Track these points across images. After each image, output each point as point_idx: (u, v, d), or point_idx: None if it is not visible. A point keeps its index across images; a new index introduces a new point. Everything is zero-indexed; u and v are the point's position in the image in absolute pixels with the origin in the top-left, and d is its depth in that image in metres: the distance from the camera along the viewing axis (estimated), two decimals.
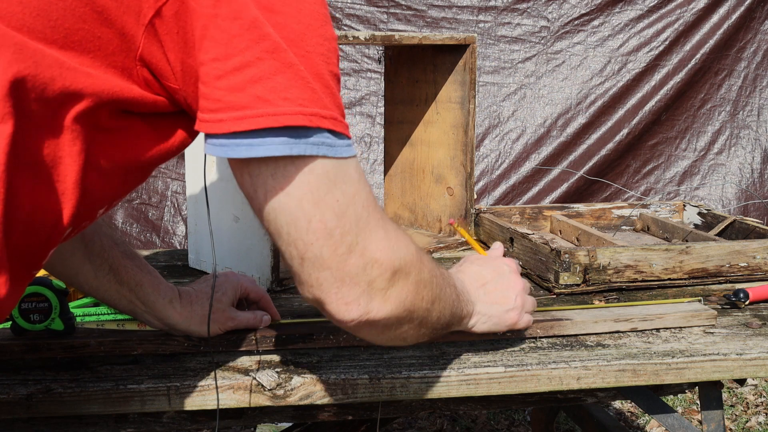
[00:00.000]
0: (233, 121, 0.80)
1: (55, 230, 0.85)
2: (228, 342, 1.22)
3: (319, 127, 0.82)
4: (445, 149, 1.92)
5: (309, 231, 0.83)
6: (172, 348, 1.21)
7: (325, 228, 0.83)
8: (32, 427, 1.18)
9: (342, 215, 0.84)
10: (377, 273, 0.87)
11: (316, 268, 0.85)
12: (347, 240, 0.85)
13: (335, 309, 0.88)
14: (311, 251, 0.84)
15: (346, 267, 0.85)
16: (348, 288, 0.86)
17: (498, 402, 1.35)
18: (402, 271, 0.90)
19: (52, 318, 1.19)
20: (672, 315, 1.36)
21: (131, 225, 3.57)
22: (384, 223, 0.89)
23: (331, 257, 0.84)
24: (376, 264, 0.87)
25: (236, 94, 0.80)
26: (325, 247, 0.84)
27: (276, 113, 0.80)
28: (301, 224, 0.83)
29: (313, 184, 0.83)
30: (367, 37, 1.66)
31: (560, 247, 1.56)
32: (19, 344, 1.18)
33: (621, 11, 3.82)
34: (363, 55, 3.70)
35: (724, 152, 3.96)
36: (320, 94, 0.83)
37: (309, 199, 0.83)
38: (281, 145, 0.81)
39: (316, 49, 0.83)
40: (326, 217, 0.83)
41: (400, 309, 0.92)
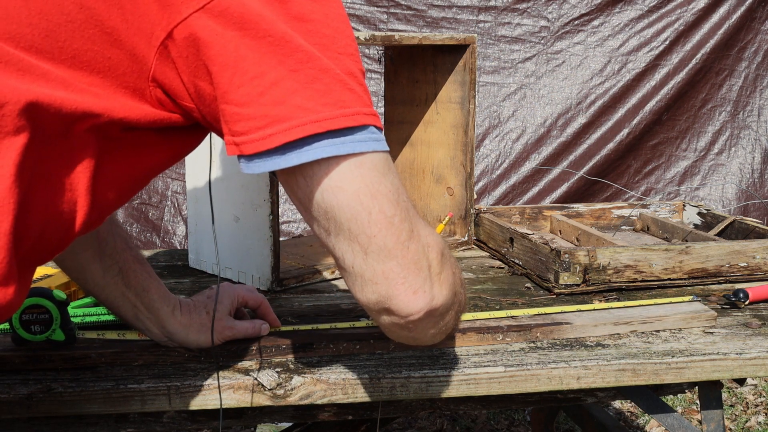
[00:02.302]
0: (283, 134, 0.82)
1: (65, 237, 0.86)
2: (228, 353, 1.21)
3: (364, 124, 0.85)
4: (445, 149, 1.92)
5: (371, 222, 0.85)
6: (173, 359, 1.20)
7: (385, 217, 0.85)
8: (32, 427, 1.18)
9: (397, 203, 0.87)
10: (433, 256, 0.89)
11: (382, 259, 0.86)
12: (406, 226, 0.87)
13: (404, 301, 0.88)
14: (375, 242, 0.85)
15: (410, 253, 0.87)
16: (414, 275, 0.87)
17: (498, 402, 1.35)
18: (445, 253, 0.92)
19: (53, 329, 1.19)
20: (672, 317, 1.36)
21: (131, 225, 3.57)
22: (417, 212, 0.92)
23: (396, 245, 0.86)
24: (429, 247, 0.89)
25: (279, 107, 0.82)
26: (388, 236, 0.85)
27: (319, 119, 0.82)
28: (362, 217, 0.85)
29: (366, 177, 0.85)
30: (367, 37, 1.66)
31: (560, 247, 1.57)
32: (19, 356, 1.17)
33: (621, 11, 3.82)
34: (363, 55, 3.70)
35: (725, 152, 3.96)
36: (358, 92, 0.85)
37: (365, 192, 0.85)
38: (329, 146, 0.83)
39: (345, 50, 0.86)
40: (384, 206, 0.85)
41: (451, 292, 0.93)
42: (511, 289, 1.59)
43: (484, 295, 1.55)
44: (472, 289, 1.60)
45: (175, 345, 1.21)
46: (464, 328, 1.28)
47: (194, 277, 1.67)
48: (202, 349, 1.20)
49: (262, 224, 1.55)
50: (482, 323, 1.30)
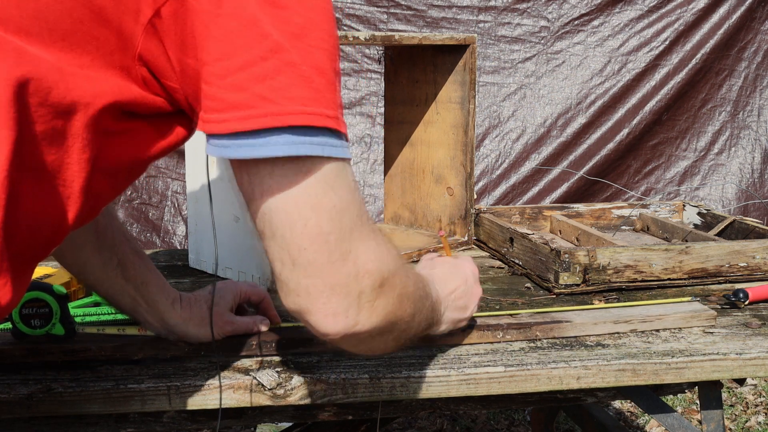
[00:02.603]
0: (237, 121, 0.79)
1: (59, 231, 0.85)
2: (229, 347, 1.22)
3: (325, 126, 0.81)
4: (445, 149, 1.92)
5: (304, 234, 0.81)
6: (173, 353, 1.21)
7: (321, 232, 0.82)
8: (32, 427, 1.18)
9: (338, 220, 0.83)
10: (368, 283, 0.85)
11: (307, 274, 0.83)
12: (342, 247, 0.83)
13: (320, 320, 0.85)
14: (304, 256, 0.82)
15: (338, 275, 0.83)
16: (338, 298, 0.84)
17: (498, 402, 1.35)
18: (389, 283, 0.88)
19: (52, 323, 1.19)
20: (672, 316, 1.36)
21: (131, 225, 3.57)
22: (374, 233, 0.87)
23: (325, 264, 0.82)
24: (368, 274, 0.85)
25: (239, 93, 0.79)
26: (319, 252, 0.82)
27: (280, 113, 0.79)
28: (297, 227, 0.81)
29: (312, 186, 0.81)
30: (367, 37, 1.66)
31: (560, 247, 1.57)
32: (19, 348, 1.18)
33: (621, 11, 3.82)
34: (363, 55, 3.70)
35: (725, 152, 3.96)
36: (324, 92, 0.81)
37: (307, 202, 0.81)
38: (285, 145, 0.79)
39: (320, 44, 0.82)
40: (323, 221, 0.82)
41: (384, 321, 0.89)
42: (511, 289, 1.59)
43: (484, 295, 1.54)
44: None
45: (175, 339, 1.21)
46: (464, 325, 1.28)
47: (194, 277, 1.67)
48: (203, 344, 1.21)
49: None
50: (482, 321, 1.30)
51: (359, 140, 3.71)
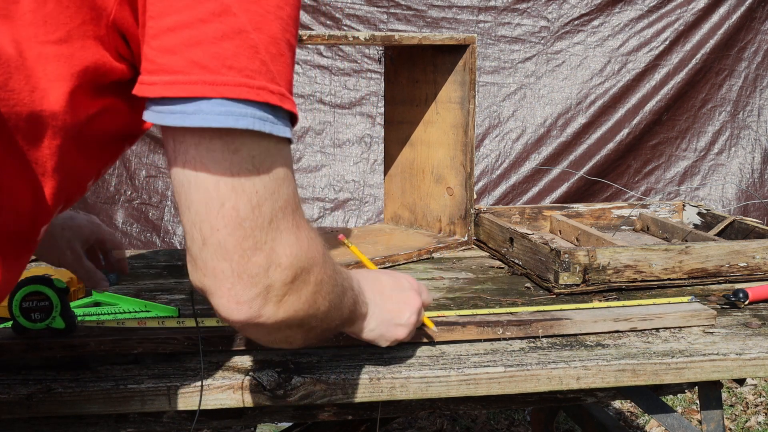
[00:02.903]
0: (164, 86, 0.75)
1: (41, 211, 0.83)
2: (227, 341, 1.22)
3: (266, 102, 0.76)
4: (445, 149, 1.92)
5: (219, 215, 0.77)
6: (172, 347, 1.21)
7: (237, 216, 0.78)
8: (32, 427, 1.18)
9: (257, 208, 0.78)
10: (278, 278, 0.82)
11: (216, 256, 0.79)
12: (257, 236, 0.79)
13: (224, 305, 0.81)
14: (216, 237, 0.78)
15: (248, 264, 0.79)
16: (244, 287, 0.80)
17: (498, 402, 1.35)
18: (303, 279, 0.85)
19: (53, 317, 1.19)
20: (672, 315, 1.36)
21: (131, 225, 3.57)
22: (298, 227, 0.83)
23: (235, 250, 0.78)
24: (279, 269, 0.81)
25: (170, 56, 0.74)
26: (231, 236, 0.78)
27: (216, 82, 0.74)
28: (212, 206, 0.77)
29: (237, 165, 0.77)
30: (367, 37, 1.66)
31: (560, 247, 1.57)
32: (19, 343, 1.18)
33: (621, 11, 3.82)
34: (363, 55, 3.70)
35: (725, 152, 3.97)
36: (270, 64, 0.76)
37: (228, 182, 0.77)
38: (217, 115, 0.75)
39: (275, 11, 0.76)
40: (241, 205, 0.77)
41: (293, 317, 0.86)
42: (511, 289, 1.59)
43: (484, 295, 1.55)
44: (472, 289, 1.60)
45: None
46: (464, 322, 1.28)
47: None
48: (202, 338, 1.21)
49: None
50: (482, 318, 1.30)
51: (359, 140, 3.72)
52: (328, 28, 3.64)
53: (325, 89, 3.70)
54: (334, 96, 3.71)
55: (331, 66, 3.70)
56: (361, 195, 3.71)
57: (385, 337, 1.13)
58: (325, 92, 3.71)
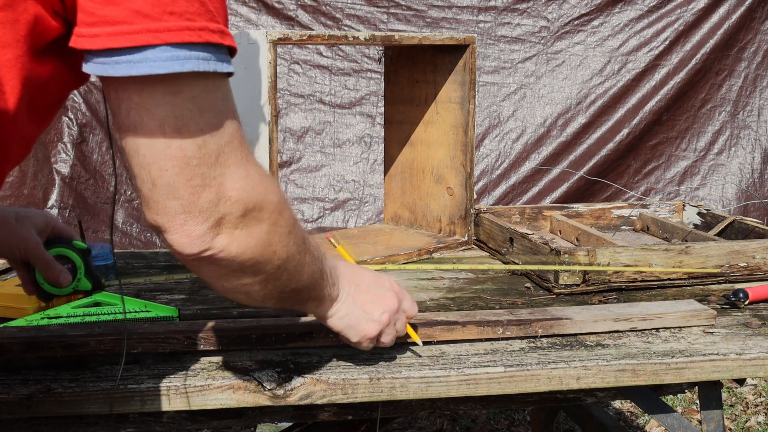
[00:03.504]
0: (107, 37, 0.75)
1: None
2: (228, 340, 1.22)
3: (208, 42, 0.78)
4: (445, 149, 1.92)
5: (166, 156, 0.79)
6: (172, 346, 1.21)
7: (183, 156, 0.80)
8: (32, 427, 1.18)
9: (203, 146, 0.80)
10: (228, 209, 0.84)
11: (167, 196, 0.81)
12: (204, 172, 0.81)
13: (178, 240, 0.84)
14: (164, 178, 0.80)
15: (198, 200, 0.82)
16: (195, 221, 0.83)
17: (498, 402, 1.35)
18: (255, 215, 0.86)
19: (78, 278, 1.18)
20: (672, 315, 1.36)
21: (131, 225, 3.57)
22: (247, 163, 0.85)
23: (184, 188, 0.81)
24: (229, 201, 0.84)
25: (110, 7, 0.75)
26: (179, 176, 0.80)
27: (159, 29, 0.75)
28: (158, 147, 0.79)
29: (179, 107, 0.78)
30: (367, 37, 1.66)
31: (560, 247, 1.57)
32: (18, 342, 1.18)
33: (621, 11, 3.82)
34: (363, 55, 3.70)
35: (725, 152, 3.97)
36: (208, 4, 0.78)
37: (172, 123, 0.78)
38: (166, 62, 0.76)
39: None
40: (186, 144, 0.79)
41: (246, 253, 0.88)
42: (511, 289, 1.59)
43: (484, 295, 1.55)
44: (472, 289, 1.60)
45: None
46: (465, 321, 1.28)
47: (194, 277, 1.67)
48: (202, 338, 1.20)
49: None
50: (482, 317, 1.30)
51: (359, 140, 3.72)
52: (328, 28, 3.64)
53: (325, 89, 3.70)
54: (334, 96, 3.71)
55: (331, 66, 3.70)
56: (361, 195, 3.71)
57: (354, 329, 1.11)
58: (325, 92, 3.71)
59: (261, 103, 1.51)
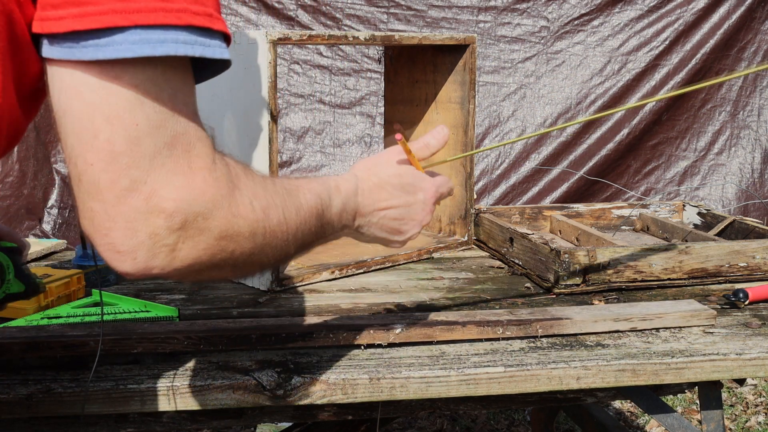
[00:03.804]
0: (73, 19, 0.68)
1: None
2: (228, 340, 1.22)
3: (191, 24, 0.70)
4: (445, 149, 1.91)
5: (93, 148, 0.69)
6: (172, 346, 1.21)
7: (111, 151, 0.69)
8: (32, 427, 1.18)
9: (136, 143, 0.69)
10: (161, 225, 0.71)
11: (90, 195, 0.71)
12: (133, 175, 0.70)
13: (105, 253, 0.72)
14: (89, 174, 0.70)
15: (123, 207, 0.70)
16: (122, 233, 0.71)
17: (498, 402, 1.35)
18: (198, 227, 0.74)
19: (7, 281, 1.08)
20: (672, 315, 1.36)
21: None
22: (192, 169, 0.73)
23: (108, 189, 0.70)
24: (162, 214, 0.71)
25: None
26: (104, 174, 0.69)
27: (128, 9, 0.68)
28: (85, 138, 0.69)
29: (114, 94, 0.69)
30: (367, 37, 1.66)
31: (560, 247, 1.57)
32: (18, 342, 1.18)
33: (621, 11, 3.82)
34: (363, 55, 3.70)
35: (725, 152, 3.96)
36: None
37: (102, 111, 0.69)
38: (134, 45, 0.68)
39: None
40: (116, 138, 0.69)
41: (197, 264, 0.76)
42: (511, 289, 1.59)
43: (484, 295, 1.55)
44: (472, 288, 1.60)
45: None
46: (465, 321, 1.28)
47: None
48: (202, 338, 1.20)
49: None
50: (482, 317, 1.30)
51: (359, 140, 3.71)
52: (328, 28, 3.64)
53: (325, 89, 3.70)
54: (334, 96, 3.71)
55: (331, 66, 3.70)
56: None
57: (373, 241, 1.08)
58: (325, 92, 3.70)
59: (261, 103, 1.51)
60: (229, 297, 1.52)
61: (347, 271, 1.68)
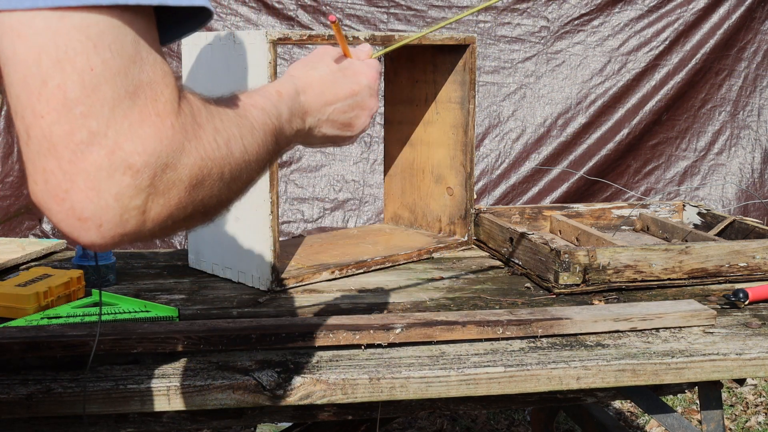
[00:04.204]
0: None
1: None
2: (228, 340, 1.22)
3: None
4: (444, 149, 1.92)
5: (42, 97, 0.61)
6: (172, 346, 1.21)
7: (64, 99, 0.60)
8: (32, 427, 1.18)
9: (93, 90, 0.61)
10: (128, 184, 0.63)
11: (42, 153, 0.61)
12: (91, 126, 0.61)
13: (64, 222, 0.63)
14: (40, 126, 0.61)
15: (82, 163, 0.61)
16: (82, 196, 0.62)
17: (498, 402, 1.35)
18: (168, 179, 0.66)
19: None
20: (672, 315, 1.36)
21: None
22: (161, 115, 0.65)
23: (63, 143, 0.61)
24: (129, 171, 0.62)
25: None
26: (58, 125, 0.61)
27: None
28: (33, 85, 0.61)
29: (63, 34, 0.60)
30: (367, 37, 1.66)
31: (560, 247, 1.57)
32: (18, 342, 1.18)
33: (621, 11, 3.82)
34: None
35: (725, 152, 3.97)
36: None
37: (51, 54, 0.60)
38: None
39: None
40: (69, 84, 0.60)
41: (170, 220, 0.68)
42: (511, 289, 1.59)
43: (484, 295, 1.55)
44: (472, 288, 1.60)
45: None
46: (465, 321, 1.28)
47: (194, 277, 1.67)
48: (202, 338, 1.20)
49: (262, 224, 1.55)
50: (482, 317, 1.30)
51: (359, 140, 3.71)
52: (328, 28, 3.64)
53: None
54: None
55: None
56: (361, 195, 3.71)
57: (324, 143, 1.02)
58: None
59: None
60: (229, 297, 1.52)
61: (347, 271, 1.68)
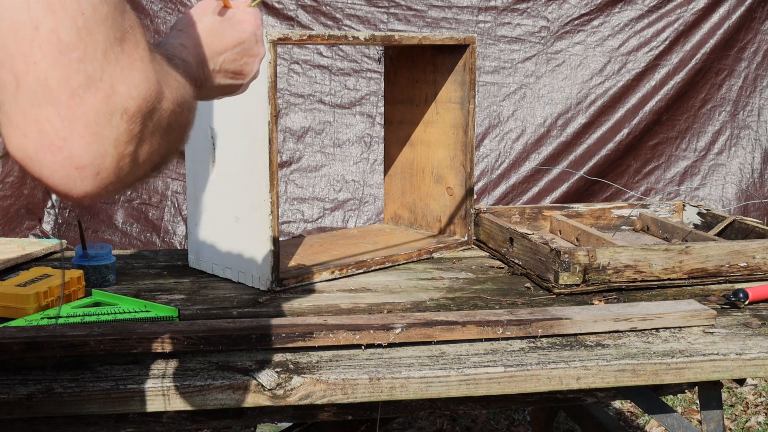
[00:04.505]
0: None
1: None
2: (228, 340, 1.22)
3: None
4: (444, 149, 1.92)
5: (34, 43, 0.59)
6: (172, 346, 1.21)
7: (58, 43, 0.59)
8: (32, 427, 1.18)
9: (88, 34, 0.60)
10: (124, 129, 0.62)
11: (38, 100, 0.59)
12: (87, 69, 0.60)
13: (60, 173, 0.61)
14: (34, 74, 0.59)
15: (81, 107, 0.60)
16: (82, 142, 0.60)
17: (498, 402, 1.35)
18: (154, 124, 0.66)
19: None
20: (672, 315, 1.36)
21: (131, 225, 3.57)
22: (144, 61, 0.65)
23: (61, 87, 0.59)
24: (125, 116, 0.62)
25: None
26: (54, 71, 0.59)
27: None
28: (24, 31, 0.59)
29: None
30: (367, 37, 1.66)
31: (560, 247, 1.57)
32: (18, 343, 1.18)
33: (621, 11, 3.82)
34: (363, 55, 3.70)
35: (725, 152, 3.97)
36: None
37: None
38: None
39: None
40: (62, 28, 0.59)
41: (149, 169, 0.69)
42: (511, 289, 1.59)
43: (484, 295, 1.55)
44: (472, 288, 1.60)
45: None
46: (465, 321, 1.28)
47: (194, 277, 1.67)
48: (202, 338, 1.20)
49: (262, 224, 1.55)
50: (482, 317, 1.30)
51: (359, 140, 3.71)
52: (328, 28, 3.64)
53: (325, 89, 3.70)
54: (334, 96, 3.71)
55: (331, 66, 3.70)
56: (361, 195, 3.71)
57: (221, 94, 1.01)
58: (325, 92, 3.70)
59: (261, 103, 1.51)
60: (229, 297, 1.52)
61: (347, 271, 1.68)
